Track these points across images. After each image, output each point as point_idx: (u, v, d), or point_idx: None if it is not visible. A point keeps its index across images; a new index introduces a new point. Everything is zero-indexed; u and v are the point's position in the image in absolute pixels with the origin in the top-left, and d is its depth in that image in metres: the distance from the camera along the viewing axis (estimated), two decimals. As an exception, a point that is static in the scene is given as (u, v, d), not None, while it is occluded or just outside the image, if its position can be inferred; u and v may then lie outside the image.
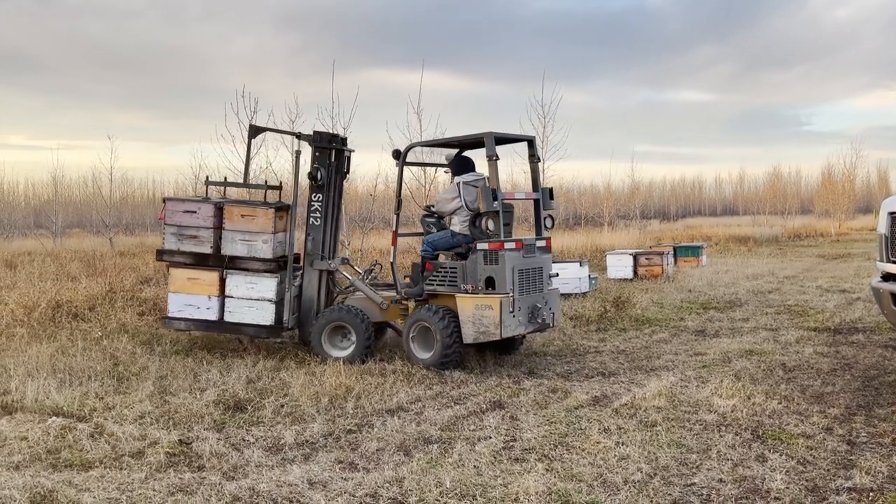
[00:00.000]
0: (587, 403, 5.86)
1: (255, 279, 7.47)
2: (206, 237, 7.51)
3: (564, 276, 12.49)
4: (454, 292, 7.11)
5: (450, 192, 7.51)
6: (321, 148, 7.78)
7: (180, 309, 7.51)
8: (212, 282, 7.47)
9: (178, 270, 7.55)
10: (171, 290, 7.59)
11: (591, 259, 15.82)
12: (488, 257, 6.98)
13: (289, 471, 4.39)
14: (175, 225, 7.55)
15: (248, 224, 7.52)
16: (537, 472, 4.28)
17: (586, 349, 8.27)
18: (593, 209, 34.52)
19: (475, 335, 6.95)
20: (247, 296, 7.46)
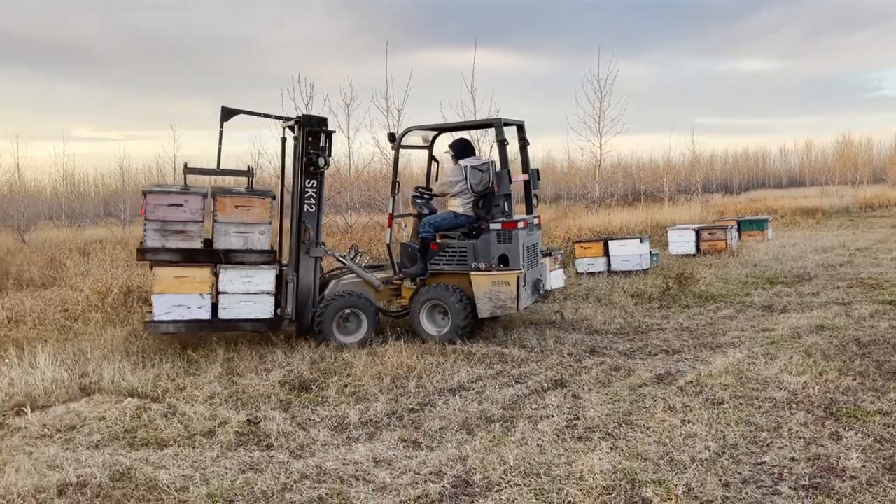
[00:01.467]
0: (651, 381, 5.77)
1: (251, 272, 7.04)
2: (195, 231, 6.91)
3: (624, 253, 12.32)
4: (465, 271, 7.44)
5: (455, 174, 7.72)
6: (314, 132, 7.41)
7: (168, 311, 6.83)
8: (203, 279, 6.92)
9: (163, 269, 6.85)
10: (155, 292, 6.86)
11: (651, 235, 15.51)
12: (502, 236, 7.36)
13: (354, 449, 4.47)
14: (158, 220, 6.82)
15: (244, 215, 7.06)
16: (601, 451, 4.24)
17: (649, 326, 8.13)
18: (653, 184, 33.78)
19: (491, 310, 7.39)
20: (243, 290, 7.02)
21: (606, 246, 12.53)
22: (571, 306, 9.29)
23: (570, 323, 8.33)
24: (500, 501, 3.64)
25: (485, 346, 7.19)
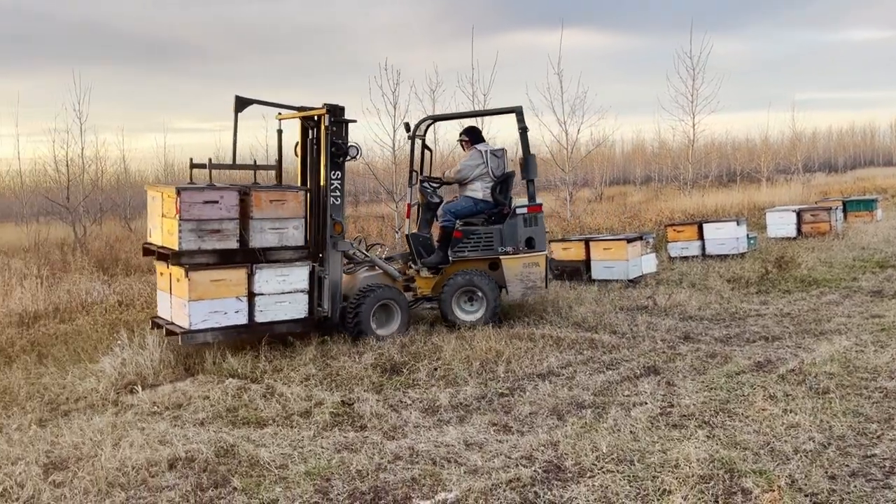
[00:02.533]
0: (749, 369, 5.57)
1: (286, 270, 6.64)
2: (231, 230, 6.40)
3: (720, 237, 11.90)
4: (492, 256, 7.58)
5: (474, 158, 7.76)
6: (338, 122, 7.04)
7: (205, 318, 6.23)
8: (239, 281, 6.41)
9: (199, 273, 6.21)
10: (191, 299, 6.16)
11: (748, 217, 14.91)
12: (528, 220, 7.66)
13: (445, 432, 4.53)
14: (194, 220, 6.21)
15: (279, 210, 6.66)
16: (698, 439, 4.13)
17: (746, 312, 7.84)
18: (749, 164, 32.41)
19: (523, 291, 7.68)
20: (278, 290, 6.60)
21: (701, 229, 12.13)
22: (664, 291, 9.05)
23: (662, 309, 8.13)
24: (592, 487, 3.60)
25: (574, 332, 7.12)
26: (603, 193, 28.63)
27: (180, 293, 6.31)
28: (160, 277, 6.69)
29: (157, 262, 6.65)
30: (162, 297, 6.74)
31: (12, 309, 8.65)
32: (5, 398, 5.74)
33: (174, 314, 6.44)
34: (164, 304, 6.70)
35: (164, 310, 6.68)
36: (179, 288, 6.30)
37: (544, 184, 24.80)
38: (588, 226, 16.10)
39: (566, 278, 10.26)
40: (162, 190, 6.54)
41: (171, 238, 6.23)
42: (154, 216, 6.65)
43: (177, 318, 6.40)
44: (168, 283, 6.49)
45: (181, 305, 6.29)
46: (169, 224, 6.28)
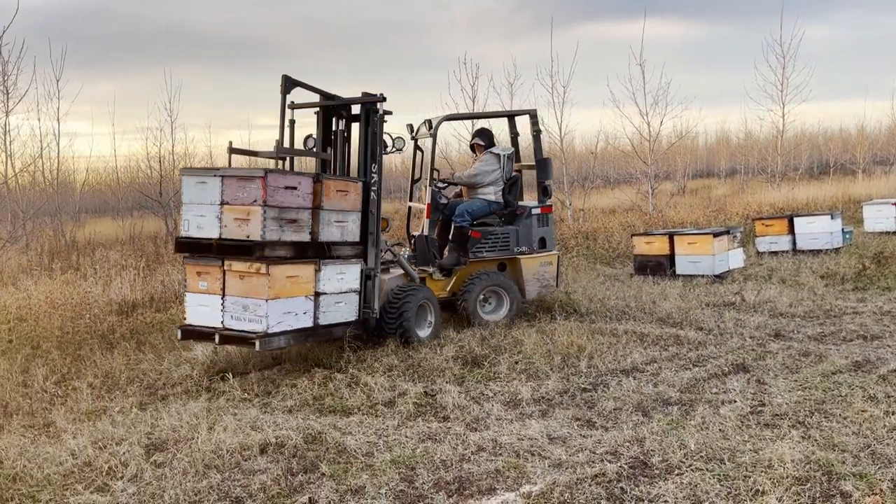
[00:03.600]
0: (847, 369, 5.33)
1: (344, 268, 6.12)
2: (306, 221, 5.83)
3: (812, 231, 11.42)
4: (508, 256, 7.61)
5: (490, 163, 7.66)
6: (376, 112, 6.56)
7: (280, 320, 5.59)
8: (309, 278, 5.81)
9: (278, 268, 5.56)
10: (269, 298, 5.47)
11: (843, 211, 14.24)
12: (541, 220, 7.78)
13: (528, 425, 4.52)
14: (277, 206, 5.56)
15: (342, 201, 6.15)
16: (792, 440, 3.99)
17: (842, 310, 7.49)
18: (843, 155, 30.90)
19: (538, 290, 7.77)
20: (337, 289, 6.06)
21: (791, 223, 11.66)
22: (752, 287, 8.75)
23: (751, 305, 7.87)
24: (681, 485, 3.53)
25: (658, 328, 6.98)
26: (686, 186, 27.86)
27: (251, 292, 5.53)
28: (198, 277, 5.79)
29: (192, 261, 5.85)
30: (201, 300, 5.80)
31: (112, 298, 9.13)
32: (108, 382, 6.08)
33: (232, 317, 5.63)
34: (204, 309, 5.78)
35: (205, 315, 5.78)
36: (248, 286, 5.54)
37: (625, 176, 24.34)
38: (671, 220, 15.71)
39: (649, 273, 10.05)
40: (218, 173, 5.68)
41: (243, 227, 5.50)
42: (198, 205, 5.74)
43: (237, 321, 5.61)
44: (217, 282, 5.67)
45: (253, 306, 5.51)
46: (242, 211, 5.51)
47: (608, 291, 8.98)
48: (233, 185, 5.56)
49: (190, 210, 5.77)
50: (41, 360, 6.67)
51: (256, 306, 5.53)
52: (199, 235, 5.73)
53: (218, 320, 5.69)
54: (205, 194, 5.68)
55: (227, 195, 5.58)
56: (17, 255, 12.79)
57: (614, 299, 8.36)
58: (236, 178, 5.58)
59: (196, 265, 5.82)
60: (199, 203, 5.71)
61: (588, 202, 18.64)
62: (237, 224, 5.55)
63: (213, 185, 5.63)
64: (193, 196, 5.75)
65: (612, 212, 18.75)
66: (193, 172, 5.95)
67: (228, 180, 5.60)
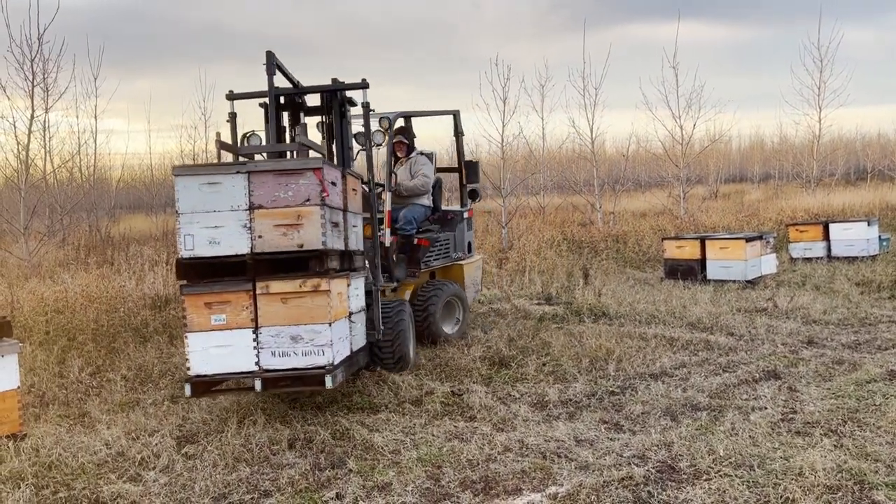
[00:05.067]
0: (881, 377, 5.23)
1: (357, 283, 5.19)
2: (342, 224, 4.88)
3: (849, 238, 11.23)
4: (451, 262, 7.31)
5: (429, 167, 7.10)
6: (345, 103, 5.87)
7: (339, 349, 4.61)
8: (344, 295, 4.78)
9: (335, 283, 4.55)
10: (332, 320, 4.43)
11: (880, 218, 13.95)
12: (469, 224, 7.62)
13: (555, 427, 4.51)
14: (330, 207, 4.57)
15: (356, 202, 5.28)
16: (824, 448, 3.93)
17: (878, 318, 7.35)
18: (882, 161, 30.25)
19: (473, 296, 7.55)
20: (358, 307, 5.16)
21: (826, 229, 11.47)
22: (785, 293, 8.63)
23: (783, 311, 7.75)
24: (709, 490, 3.50)
25: (688, 333, 6.92)
26: (718, 191, 27.51)
27: (304, 316, 4.40)
28: (207, 311, 4.37)
29: (196, 291, 4.39)
30: (216, 340, 4.39)
31: (146, 293, 9.29)
32: (141, 374, 6.19)
33: (275, 354, 4.40)
34: (222, 352, 4.39)
35: (225, 359, 4.40)
36: (300, 310, 4.40)
37: (656, 180, 24.11)
38: (703, 224, 15.53)
39: (679, 278, 9.95)
40: (243, 169, 4.44)
41: (292, 236, 4.41)
42: (206, 214, 4.40)
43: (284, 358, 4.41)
44: (245, 311, 4.38)
45: (310, 334, 4.40)
46: (289, 215, 4.41)
47: (638, 295, 8.92)
48: (268, 183, 4.41)
49: (193, 221, 4.40)
50: (77, 351, 6.82)
51: (315, 334, 4.41)
52: (214, 254, 4.39)
53: (251, 361, 4.40)
54: (219, 198, 4.40)
55: (259, 196, 4.40)
56: (54, 249, 13.07)
57: (644, 303, 8.29)
58: (273, 174, 4.42)
59: (204, 295, 4.38)
60: (209, 211, 4.40)
61: (618, 205, 18.49)
62: (281, 232, 4.41)
63: (234, 185, 4.40)
64: (197, 203, 4.40)
65: (642, 215, 18.58)
66: (195, 171, 4.56)
67: (260, 177, 4.41)
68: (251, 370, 4.42)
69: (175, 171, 4.47)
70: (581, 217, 17.84)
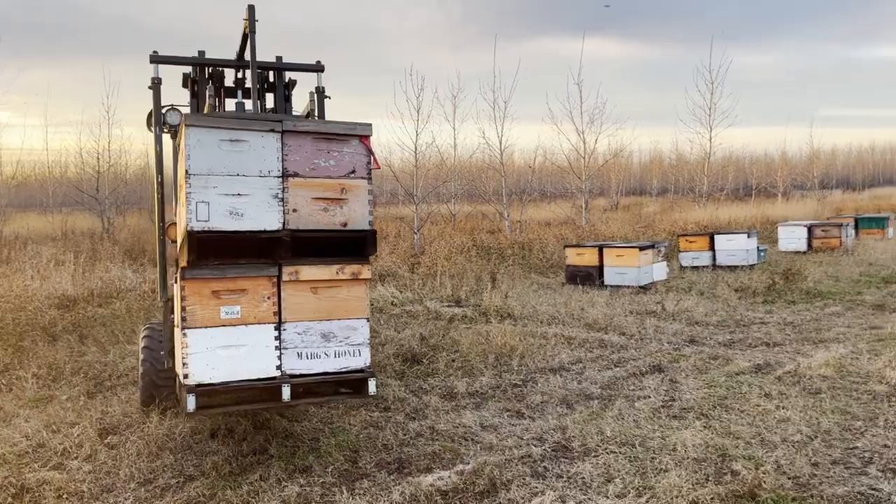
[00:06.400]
0: (749, 370, 5.92)
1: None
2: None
3: (731, 248, 12.24)
4: None
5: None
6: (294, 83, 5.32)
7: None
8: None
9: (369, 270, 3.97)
10: (369, 315, 3.93)
11: (760, 231, 15.22)
12: None
13: (463, 415, 4.91)
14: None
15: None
16: (695, 428, 4.50)
17: (751, 320, 8.17)
18: (766, 178, 32.58)
19: None
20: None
21: (712, 240, 12.47)
22: (673, 298, 9.40)
23: (670, 314, 8.48)
24: (597, 465, 3.98)
25: (585, 332, 7.49)
26: (619, 203, 28.92)
27: (338, 310, 3.80)
28: (217, 300, 3.59)
29: (203, 274, 3.56)
30: (226, 338, 3.60)
31: (51, 292, 9.12)
32: (53, 373, 6.19)
33: (302, 356, 3.74)
34: (234, 353, 3.62)
35: (239, 362, 3.63)
36: (334, 302, 3.79)
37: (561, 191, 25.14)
38: (602, 233, 16.44)
39: (579, 283, 10.63)
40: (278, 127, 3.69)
41: (334, 213, 3.78)
42: (228, 178, 3.60)
43: (314, 360, 3.77)
44: (267, 303, 3.66)
45: (344, 331, 3.81)
46: (332, 188, 3.76)
47: (541, 298, 9.49)
48: (306, 148, 3.74)
49: (209, 185, 3.55)
50: (-17, 350, 6.72)
51: (351, 331, 3.81)
52: (237, 228, 3.59)
53: (271, 365, 3.67)
54: (245, 160, 3.63)
55: (294, 163, 3.71)
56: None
57: (546, 305, 8.86)
58: (313, 137, 3.74)
59: (212, 280, 3.57)
60: (231, 174, 3.60)
61: (525, 214, 19.24)
62: (321, 207, 3.76)
63: (264, 146, 3.66)
64: (215, 163, 3.57)
65: (547, 224, 19.41)
66: (215, 123, 3.62)
67: (296, 139, 3.72)
68: (272, 376, 3.63)
69: (188, 121, 3.57)
70: (490, 225, 18.48)
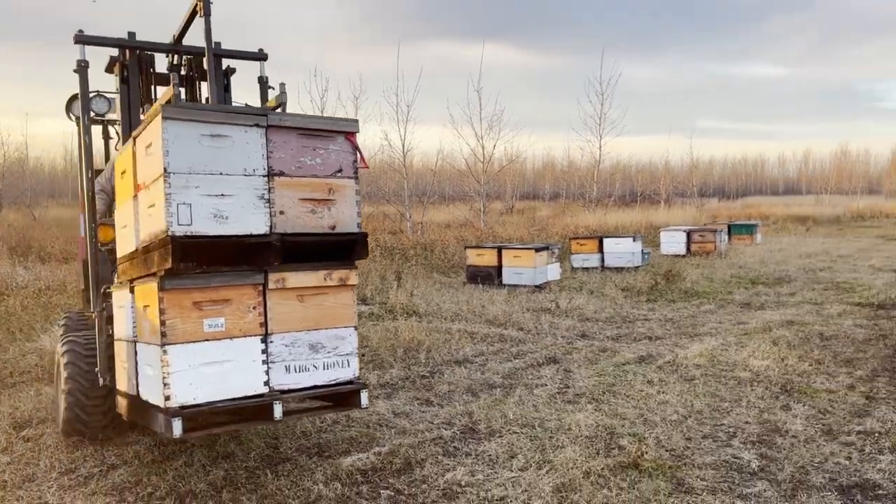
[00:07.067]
0: (633, 361, 6.54)
1: None
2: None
3: (618, 251, 13.10)
4: None
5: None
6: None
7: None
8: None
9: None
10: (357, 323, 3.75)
11: (645, 235, 16.30)
12: None
13: (376, 404, 5.23)
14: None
15: None
16: (587, 411, 5.00)
17: (636, 317, 8.90)
18: (650, 186, 34.60)
19: None
20: None
21: (601, 243, 13.31)
22: (566, 297, 10.05)
23: (563, 311, 9.10)
24: (501, 444, 4.40)
25: (486, 328, 7.96)
26: (514, 206, 29.92)
27: (326, 318, 3.56)
28: (199, 312, 3.24)
29: (184, 285, 3.18)
30: (209, 354, 3.25)
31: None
32: (-51, 370, 6.03)
33: (289, 369, 3.46)
34: (218, 370, 3.26)
35: (223, 379, 3.28)
36: (321, 310, 3.55)
37: (460, 194, 25.78)
38: (500, 235, 17.11)
39: (480, 282, 11.14)
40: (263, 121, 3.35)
41: (322, 215, 3.51)
42: (210, 177, 3.22)
43: (300, 374, 3.50)
44: (252, 313, 3.35)
45: (332, 341, 3.59)
46: (319, 188, 3.50)
47: (444, 296, 9.92)
48: (291, 144, 3.45)
49: (190, 185, 3.18)
50: None
51: (339, 340, 3.62)
52: (222, 232, 3.24)
53: (258, 380, 3.38)
54: (228, 157, 3.28)
55: (280, 160, 3.41)
56: None
57: (449, 303, 9.28)
58: (298, 133, 3.47)
59: (194, 290, 3.22)
60: (214, 173, 3.24)
61: (426, 216, 19.69)
62: (309, 209, 3.49)
63: (248, 141, 3.33)
64: (196, 160, 3.19)
65: (447, 226, 19.95)
66: (195, 115, 3.22)
67: (282, 135, 3.42)
68: (260, 393, 3.38)
69: (165, 112, 3.13)
70: (391, 225, 18.80)
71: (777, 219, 28.73)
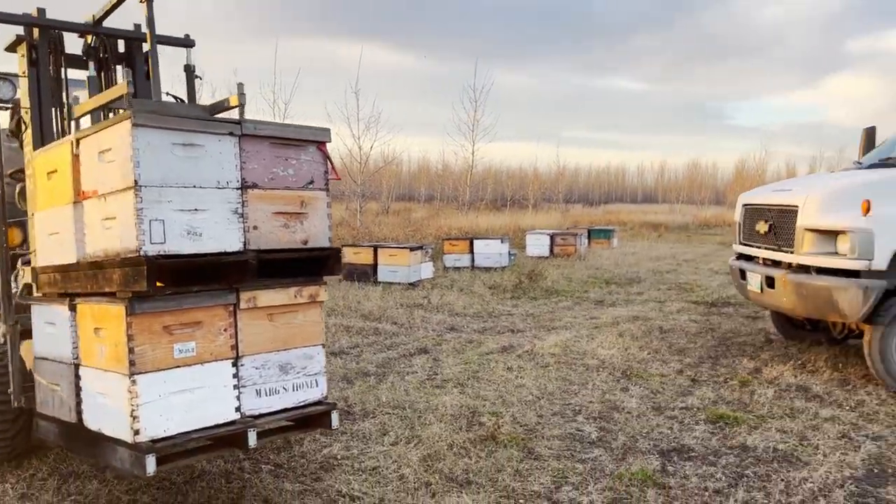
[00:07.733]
0: (496, 351, 7.14)
1: None
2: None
3: (487, 252, 13.85)
4: None
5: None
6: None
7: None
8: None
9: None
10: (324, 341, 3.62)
11: (512, 237, 17.21)
12: None
13: (255, 391, 5.49)
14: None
15: None
16: (453, 394, 5.51)
17: (500, 312, 9.58)
18: (519, 191, 36.13)
19: None
20: None
21: (472, 244, 14.02)
22: (437, 293, 10.61)
23: (435, 307, 9.64)
24: (375, 423, 4.81)
25: (361, 322, 8.35)
26: (390, 207, 30.38)
27: (296, 337, 3.38)
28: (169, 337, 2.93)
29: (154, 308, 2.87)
30: (181, 382, 2.95)
31: None
32: None
33: (260, 393, 3.22)
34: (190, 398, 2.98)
35: (196, 408, 2.99)
36: (291, 329, 3.35)
37: (336, 194, 25.92)
38: (376, 235, 17.51)
39: (356, 279, 11.51)
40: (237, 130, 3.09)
41: (295, 229, 3.30)
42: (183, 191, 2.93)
43: (271, 398, 3.26)
44: (222, 336, 3.08)
45: (301, 360, 3.41)
46: (292, 200, 3.28)
47: (320, 293, 10.19)
48: (264, 154, 3.21)
49: (163, 199, 2.88)
50: None
51: (307, 360, 3.45)
52: (196, 250, 2.97)
53: (229, 407, 3.12)
54: (201, 169, 3.00)
55: (253, 172, 3.16)
56: None
57: (326, 300, 9.58)
58: (270, 143, 3.23)
59: (164, 314, 2.92)
60: (187, 186, 2.95)
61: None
62: (281, 223, 3.27)
63: (221, 151, 3.06)
64: (169, 172, 2.90)
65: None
66: (166, 122, 2.90)
67: (254, 144, 3.17)
68: (231, 420, 3.10)
69: (135, 118, 2.78)
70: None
71: (633, 225, 30.85)
